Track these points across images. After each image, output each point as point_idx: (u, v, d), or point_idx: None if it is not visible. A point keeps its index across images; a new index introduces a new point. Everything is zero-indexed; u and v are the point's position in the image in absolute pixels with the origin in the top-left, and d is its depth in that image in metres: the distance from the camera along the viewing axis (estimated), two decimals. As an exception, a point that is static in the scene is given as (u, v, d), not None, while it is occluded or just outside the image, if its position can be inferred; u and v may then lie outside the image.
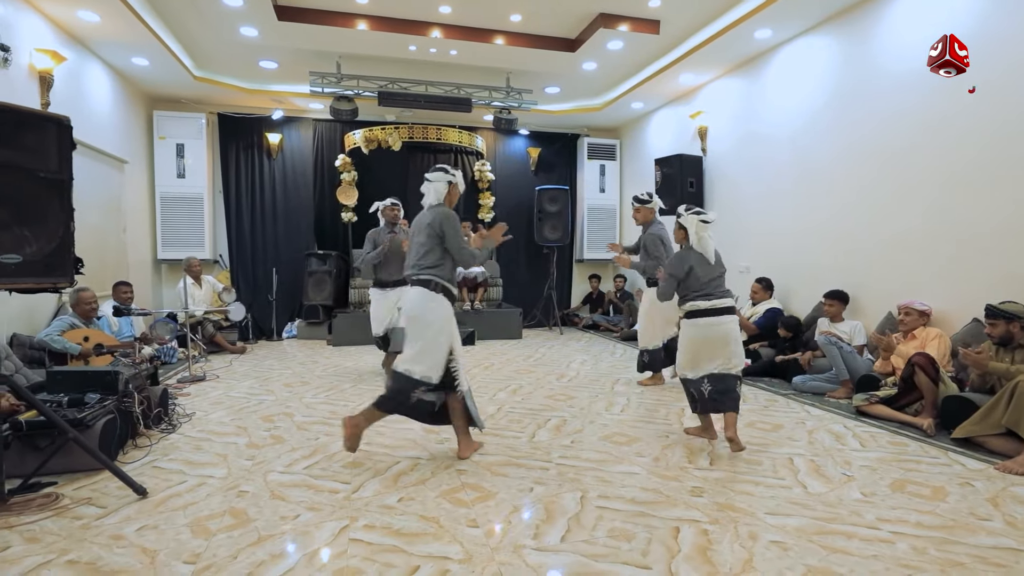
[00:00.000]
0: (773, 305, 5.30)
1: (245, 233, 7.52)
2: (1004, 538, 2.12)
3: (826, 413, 3.85)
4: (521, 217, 8.77)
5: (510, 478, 2.69)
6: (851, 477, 2.70)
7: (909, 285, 4.22)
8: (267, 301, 7.38)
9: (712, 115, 6.52)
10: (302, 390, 4.52)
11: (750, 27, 4.98)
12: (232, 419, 3.69)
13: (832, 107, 4.86)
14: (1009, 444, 2.97)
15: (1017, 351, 3.26)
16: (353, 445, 2.89)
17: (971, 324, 3.76)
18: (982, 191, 3.74)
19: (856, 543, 2.07)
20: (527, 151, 8.89)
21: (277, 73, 6.49)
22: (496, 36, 5.53)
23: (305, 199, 7.79)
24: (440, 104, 6.37)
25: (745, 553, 2.00)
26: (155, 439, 3.23)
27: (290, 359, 5.95)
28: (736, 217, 6.10)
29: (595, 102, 7.77)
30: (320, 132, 7.87)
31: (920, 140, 4.13)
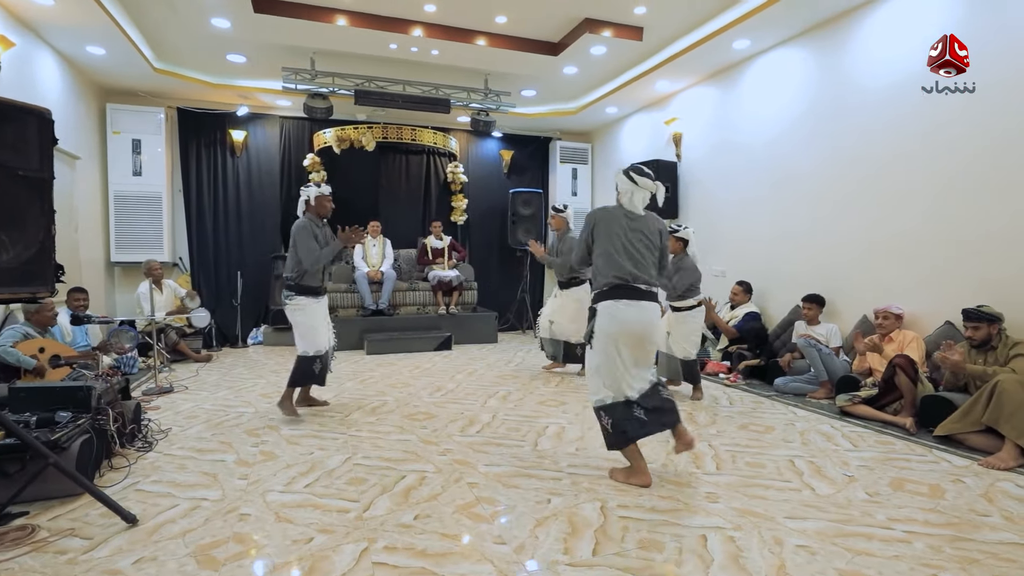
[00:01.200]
0: (751, 308, 5.45)
1: (207, 234, 7.13)
2: (1006, 533, 2.22)
3: (811, 414, 3.98)
4: (494, 220, 8.73)
5: (524, 490, 2.63)
6: (853, 478, 2.78)
7: (882, 290, 4.41)
8: (231, 306, 7.03)
9: (687, 122, 6.65)
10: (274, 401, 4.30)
11: (730, 37, 5.10)
12: (213, 434, 3.47)
13: (808, 118, 5.04)
14: (988, 441, 3.14)
15: (989, 353, 3.45)
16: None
17: (944, 327, 3.96)
18: (953, 201, 3.94)
19: (876, 544, 2.13)
20: (500, 153, 8.83)
21: (245, 68, 6.19)
22: (478, 37, 5.46)
23: (271, 199, 7.47)
24: (418, 104, 6.23)
25: (776, 559, 2.01)
26: (132, 459, 2.99)
27: (261, 367, 5.67)
28: (711, 222, 6.24)
29: (569, 106, 7.80)
30: (287, 130, 7.57)
31: (894, 152, 4.33)
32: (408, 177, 8.16)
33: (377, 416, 3.87)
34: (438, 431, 3.55)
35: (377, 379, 5.09)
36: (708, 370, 5.34)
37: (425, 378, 5.14)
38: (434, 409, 4.07)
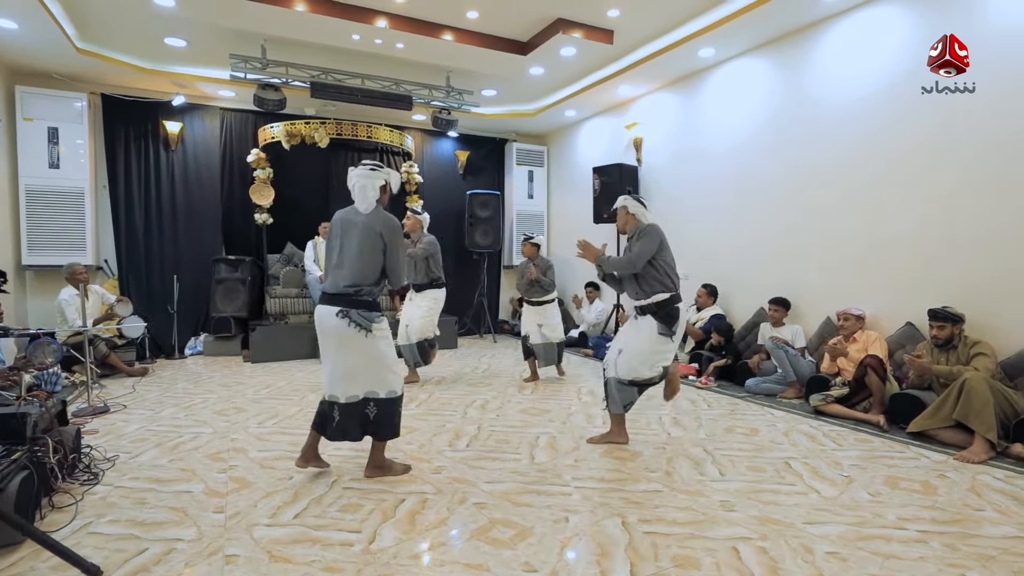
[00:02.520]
0: (717, 311, 5.57)
1: (137, 235, 6.46)
2: (1006, 527, 2.32)
3: (787, 414, 4.08)
4: (449, 221, 8.49)
5: (536, 508, 2.48)
6: (850, 478, 2.84)
7: (843, 293, 4.60)
8: (166, 313, 6.40)
9: (648, 127, 6.74)
10: (241, 418, 3.92)
11: (696, 44, 5.19)
12: (170, 460, 3.08)
13: (770, 127, 5.20)
14: (958, 435, 3.32)
15: (951, 351, 3.66)
16: None
17: (905, 327, 4.18)
18: (908, 207, 4.18)
19: (896, 546, 2.15)
20: (455, 154, 8.62)
21: (185, 53, 5.65)
22: (446, 32, 5.25)
23: (211, 197, 6.88)
24: (379, 100, 5.93)
25: (813, 569, 1.98)
26: (77, 495, 2.58)
27: (207, 380, 5.18)
28: (674, 227, 6.28)
29: (528, 108, 7.72)
30: (229, 123, 7.01)
31: (853, 161, 4.54)
32: (361, 176, 7.78)
33: (354, 432, 3.59)
34: (425, 446, 3.34)
35: (342, 391, 4.76)
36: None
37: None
38: (413, 422, 3.83)
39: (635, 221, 3.50)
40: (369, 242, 2.73)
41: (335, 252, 2.77)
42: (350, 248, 2.74)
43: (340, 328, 2.69)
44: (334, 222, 2.82)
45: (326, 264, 2.84)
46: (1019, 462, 3.05)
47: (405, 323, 5.07)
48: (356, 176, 2.81)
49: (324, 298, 2.76)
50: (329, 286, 2.76)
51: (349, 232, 2.75)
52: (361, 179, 2.80)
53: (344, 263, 2.74)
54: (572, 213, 8.17)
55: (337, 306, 2.70)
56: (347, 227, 2.77)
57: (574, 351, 6.91)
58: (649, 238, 3.34)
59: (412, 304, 5.09)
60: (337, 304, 2.71)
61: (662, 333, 3.28)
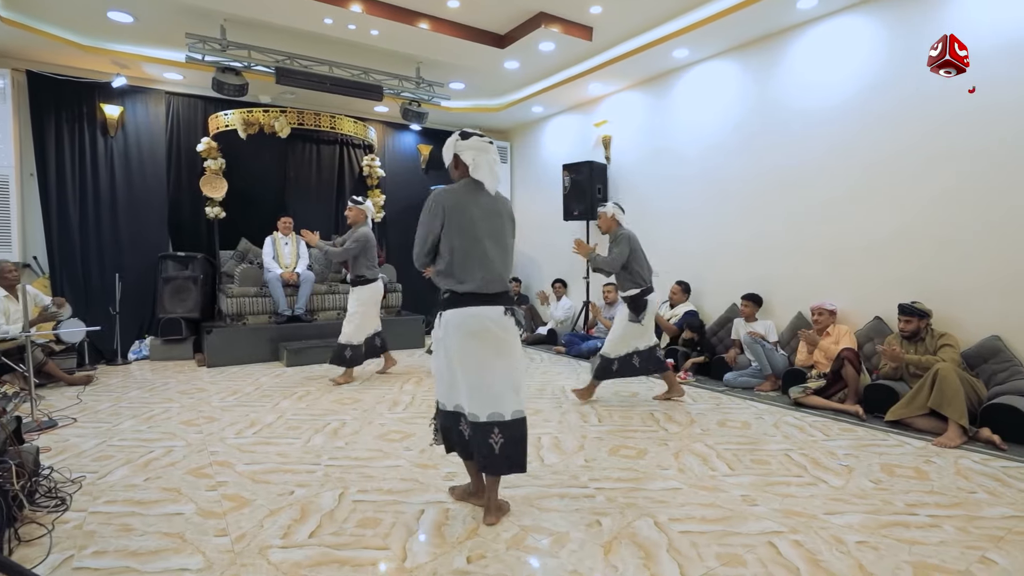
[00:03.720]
0: (690, 308, 5.70)
1: (71, 229, 5.85)
2: (1001, 508, 2.47)
3: (769, 407, 4.22)
4: (411, 217, 8.18)
5: (564, 512, 2.42)
6: (850, 467, 2.96)
7: (812, 289, 4.82)
8: (107, 315, 5.84)
9: (617, 125, 6.81)
10: (214, 428, 3.62)
11: (672, 45, 5.28)
12: (146, 479, 2.78)
13: (741, 130, 5.37)
14: (932, 422, 3.54)
15: (919, 344, 3.91)
16: None
17: (873, 321, 4.42)
18: (875, 207, 4.42)
19: (916, 532, 2.25)
20: (418, 148, 8.40)
21: (131, 29, 5.15)
22: (422, 20, 5.06)
23: (156, 189, 6.33)
24: (348, 89, 5.64)
25: (851, 559, 2.03)
26: (46, 523, 2.27)
27: (162, 388, 4.75)
28: (644, 224, 6.40)
29: (495, 103, 7.62)
30: (176, 108, 6.48)
31: (822, 165, 4.75)
32: (320, 169, 7.43)
33: (345, 440, 3.39)
34: (426, 452, 3.19)
35: (315, 396, 4.51)
36: (654, 368, 5.49)
37: (371, 391, 4.66)
38: (404, 427, 3.67)
39: (616, 225, 4.27)
40: (511, 230, 2.44)
41: (472, 243, 2.29)
42: (501, 238, 2.37)
43: (509, 329, 2.33)
44: (457, 204, 2.30)
45: (458, 256, 2.30)
46: (989, 445, 3.28)
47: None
48: (475, 150, 2.33)
49: (479, 298, 2.29)
50: (483, 284, 2.29)
51: (491, 219, 2.34)
52: (485, 154, 2.34)
53: (495, 255, 2.33)
54: (538, 209, 8.14)
55: (501, 304, 2.33)
56: (484, 213, 2.32)
57: (544, 348, 6.90)
58: (621, 245, 4.11)
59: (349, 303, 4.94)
60: (500, 303, 2.32)
61: (631, 319, 4.16)
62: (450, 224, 2.30)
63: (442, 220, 2.31)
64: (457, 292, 2.30)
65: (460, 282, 2.30)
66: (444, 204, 2.31)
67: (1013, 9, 3.64)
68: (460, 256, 2.30)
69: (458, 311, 2.29)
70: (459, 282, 2.30)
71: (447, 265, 2.31)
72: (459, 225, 2.30)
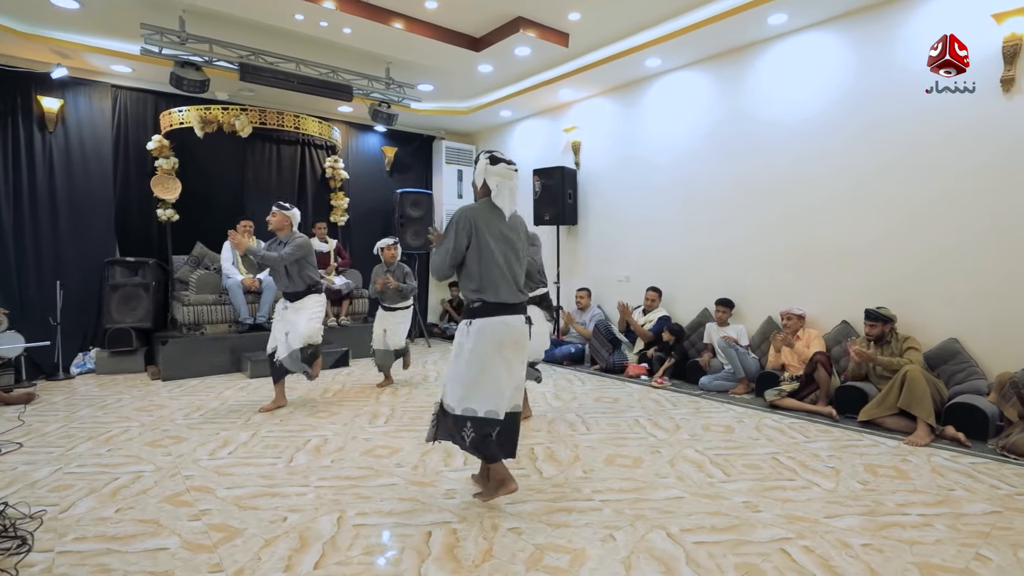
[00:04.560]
0: (663, 313, 5.80)
1: (4, 232, 5.32)
2: (981, 504, 2.62)
3: (747, 409, 4.34)
4: (375, 220, 8.07)
5: (574, 527, 2.38)
6: (837, 469, 3.07)
7: (783, 294, 5.00)
8: (47, 326, 5.36)
9: (586, 131, 6.85)
10: (184, 449, 3.37)
11: (646, 54, 5.36)
12: (117, 510, 2.55)
13: (712, 139, 5.51)
14: (901, 422, 3.73)
15: (885, 347, 4.11)
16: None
17: (840, 325, 4.62)
18: (841, 217, 4.63)
19: (912, 532, 2.34)
20: (382, 150, 8.19)
21: (76, 17, 4.75)
22: (397, 20, 4.92)
23: (101, 189, 5.87)
24: (317, 88, 5.41)
25: (860, 563, 2.09)
26: (10, 568, 2.04)
27: (115, 405, 4.40)
28: (614, 231, 6.52)
29: (462, 105, 7.53)
30: (123, 103, 6.03)
31: (789, 173, 4.94)
32: (280, 170, 7.12)
33: (331, 458, 3.23)
34: (419, 467, 3.09)
35: (288, 410, 4.29)
36: (629, 372, 5.56)
37: (350, 404, 4.48)
38: (390, 441, 3.54)
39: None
40: (525, 245, 2.64)
41: (496, 259, 2.47)
42: (518, 253, 2.57)
43: (526, 335, 2.57)
44: (482, 224, 2.47)
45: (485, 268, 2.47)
46: (954, 442, 3.48)
47: (284, 331, 4.26)
48: (500, 176, 2.53)
49: (509, 308, 2.50)
50: (511, 294, 2.51)
51: (510, 237, 2.54)
52: (508, 180, 2.54)
53: (516, 269, 2.55)
54: (506, 214, 8.07)
55: (522, 314, 2.56)
56: (504, 231, 2.52)
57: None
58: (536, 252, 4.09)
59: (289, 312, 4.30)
60: (521, 312, 2.55)
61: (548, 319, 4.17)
62: (478, 239, 2.47)
63: (469, 234, 2.47)
64: (488, 302, 2.48)
65: (490, 293, 2.48)
66: (473, 220, 2.48)
67: (967, 30, 3.89)
68: (488, 268, 2.47)
69: (489, 319, 2.47)
70: (490, 293, 2.48)
71: (477, 277, 2.48)
72: (485, 241, 2.47)
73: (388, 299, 5.04)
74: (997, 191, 3.84)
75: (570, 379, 5.50)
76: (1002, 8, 3.74)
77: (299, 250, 4.27)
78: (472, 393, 2.47)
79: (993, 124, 3.84)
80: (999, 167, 3.83)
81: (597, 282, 6.73)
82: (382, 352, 5.12)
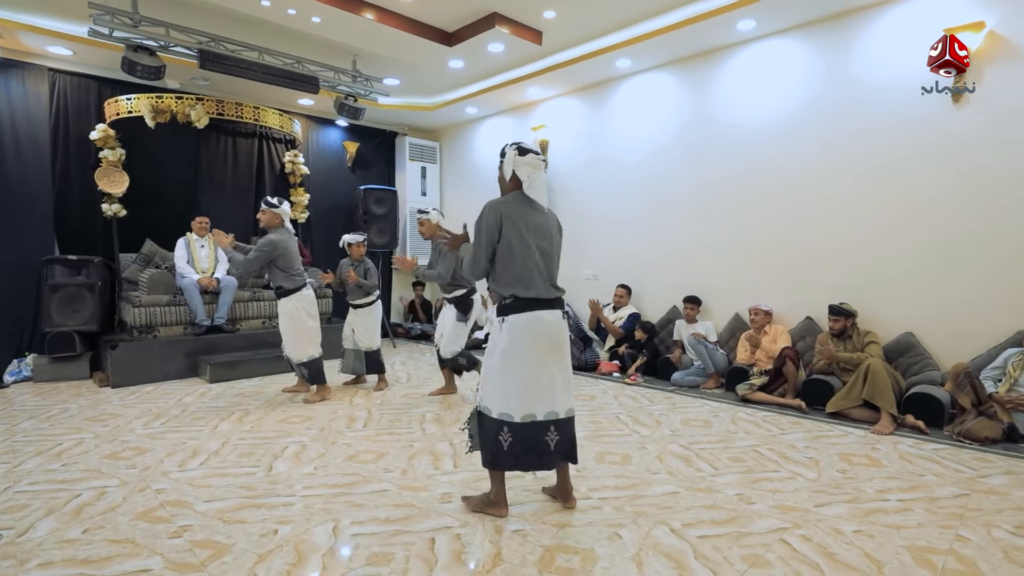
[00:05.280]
0: (633, 310, 5.89)
1: (-76, 227, 4.84)
2: (950, 487, 2.79)
3: (720, 404, 4.46)
4: (337, 218, 7.82)
5: (579, 527, 2.37)
6: (815, 459, 3.19)
7: (749, 291, 5.17)
8: (-24, 331, 4.89)
9: (554, 130, 6.87)
10: (148, 460, 3.15)
11: (617, 55, 5.42)
12: (85, 530, 2.34)
13: (680, 141, 5.62)
14: (865, 412, 3.93)
15: (847, 341, 4.32)
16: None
17: (805, 321, 4.83)
18: (804, 217, 4.83)
19: (896, 517, 2.46)
20: (344, 145, 7.94)
21: (10, -8, 4.35)
22: (367, 10, 4.77)
23: (37, 181, 5.40)
24: (282, 79, 5.16)
25: (856, 549, 2.18)
26: (-30, 599, 1.83)
27: (61, 415, 4.06)
28: (583, 229, 6.56)
29: (428, 101, 7.41)
30: (63, 89, 5.57)
31: (755, 175, 5.11)
32: (236, 164, 6.76)
33: (314, 465, 3.09)
34: (409, 472, 3.00)
35: (257, 416, 4.09)
36: (601, 370, 5.61)
37: (323, 407, 4.32)
38: (373, 445, 3.43)
39: (440, 232, 4.34)
40: (559, 240, 2.58)
41: (531, 251, 2.39)
42: (552, 247, 2.49)
43: (565, 331, 2.49)
44: (515, 216, 2.38)
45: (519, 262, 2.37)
46: (914, 430, 3.70)
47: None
48: (531, 167, 2.41)
49: (543, 303, 2.40)
50: (546, 289, 2.43)
51: (544, 230, 2.46)
52: (538, 171, 2.43)
53: (550, 263, 2.47)
54: (472, 212, 7.95)
55: (558, 308, 2.46)
56: (537, 224, 2.43)
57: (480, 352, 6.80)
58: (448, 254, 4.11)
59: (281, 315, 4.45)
60: (558, 307, 2.46)
61: (459, 319, 4.41)
62: (509, 232, 2.37)
63: (499, 228, 2.37)
64: (521, 297, 2.38)
65: (525, 288, 2.38)
66: (503, 213, 2.38)
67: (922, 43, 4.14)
68: (522, 261, 2.37)
69: (524, 315, 2.38)
70: (524, 288, 2.38)
71: (510, 271, 2.38)
72: (519, 234, 2.38)
73: (351, 294, 4.94)
74: (944, 196, 4.11)
75: (544, 377, 5.49)
76: (953, 24, 4.00)
77: (261, 252, 4.16)
78: (508, 395, 2.38)
79: (944, 133, 4.10)
80: (950, 173, 4.09)
81: (566, 280, 6.66)
82: (351, 351, 5.00)
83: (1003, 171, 3.88)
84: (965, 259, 4.05)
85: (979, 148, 3.97)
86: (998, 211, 3.91)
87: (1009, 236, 3.87)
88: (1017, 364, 3.61)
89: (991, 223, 3.94)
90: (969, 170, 4.02)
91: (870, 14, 4.42)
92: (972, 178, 4.00)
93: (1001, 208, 3.90)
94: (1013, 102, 3.83)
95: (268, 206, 4.29)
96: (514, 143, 2.49)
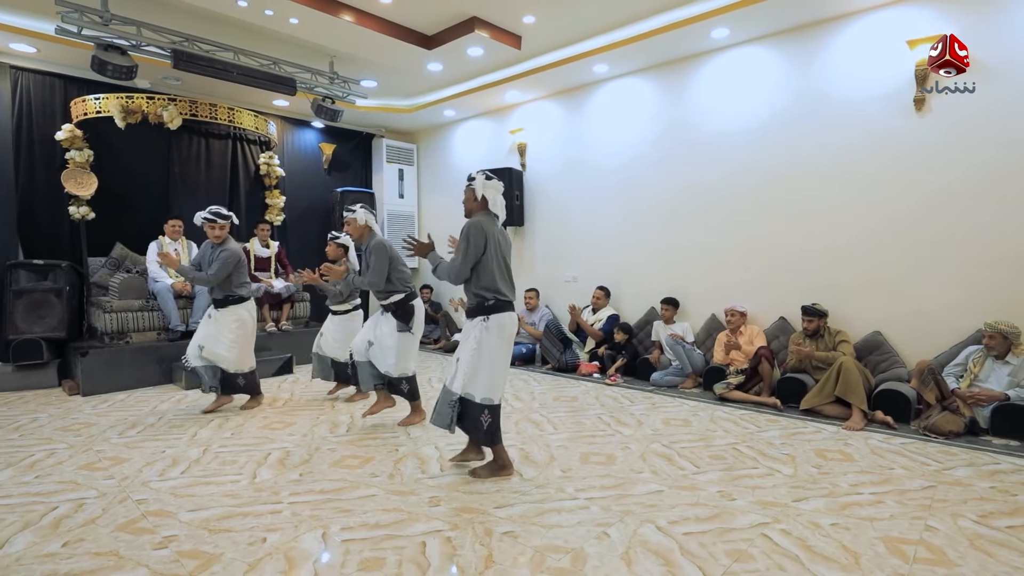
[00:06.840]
0: (612, 312, 5.98)
1: None
2: (918, 480, 2.93)
3: (699, 403, 4.57)
4: (314, 220, 7.75)
5: (567, 527, 2.40)
6: (792, 455, 3.30)
7: (725, 293, 5.31)
8: (-65, 339, 4.69)
9: (532, 133, 6.92)
10: (127, 470, 3.08)
11: (595, 60, 5.51)
12: (64, 544, 2.28)
13: (657, 145, 5.74)
14: (837, 409, 4.07)
15: (819, 340, 4.48)
16: None
17: (778, 321, 4.98)
18: (778, 220, 4.98)
19: (869, 510, 2.57)
20: (319, 147, 7.85)
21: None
22: (346, 12, 4.74)
23: (1, 183, 5.22)
24: (258, 80, 5.08)
25: (833, 541, 2.26)
26: (-53, 619, 1.78)
27: (30, 425, 3.93)
28: (561, 232, 6.64)
29: (406, 103, 7.38)
30: (26, 87, 5.39)
31: (730, 179, 5.25)
32: (210, 165, 6.62)
33: (299, 472, 3.07)
34: (396, 476, 3.00)
35: (237, 422, 4.03)
36: (581, 371, 5.68)
37: (304, 412, 4.27)
38: (358, 450, 3.42)
39: (369, 233, 3.97)
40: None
41: (501, 261, 2.95)
42: (508, 258, 3.03)
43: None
44: (492, 232, 2.91)
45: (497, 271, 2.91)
46: (883, 425, 3.85)
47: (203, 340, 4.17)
48: (495, 190, 2.95)
49: (509, 305, 2.95)
50: (512, 292, 2.99)
51: (507, 242, 3.05)
52: (498, 192, 2.96)
53: (510, 270, 3.02)
54: (449, 215, 8.01)
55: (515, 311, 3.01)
56: (503, 239, 2.99)
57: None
58: (380, 256, 3.75)
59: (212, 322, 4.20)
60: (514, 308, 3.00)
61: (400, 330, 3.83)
62: (490, 246, 2.88)
63: (485, 242, 2.86)
64: (500, 299, 2.89)
65: (503, 292, 2.91)
66: (487, 231, 2.89)
67: (885, 54, 4.31)
68: (499, 271, 2.92)
69: (503, 315, 2.90)
70: (503, 292, 2.91)
71: (491, 278, 2.88)
72: (495, 247, 2.92)
73: (330, 298, 4.81)
74: (910, 201, 4.29)
75: (525, 379, 5.54)
76: (915, 36, 4.18)
77: (225, 267, 4.03)
78: (493, 383, 2.86)
79: (907, 141, 4.29)
80: (912, 178, 4.28)
81: (545, 283, 6.82)
82: (316, 356, 4.79)
83: (962, 178, 4.08)
84: (929, 262, 4.23)
85: (940, 156, 4.16)
86: (959, 216, 4.10)
87: (969, 240, 4.06)
88: (977, 361, 3.79)
89: (953, 228, 4.13)
90: (931, 177, 4.21)
91: (835, 26, 4.59)
92: (935, 185, 4.19)
93: (961, 213, 4.09)
94: (971, 111, 4.02)
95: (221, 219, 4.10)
96: (480, 171, 3.00)
